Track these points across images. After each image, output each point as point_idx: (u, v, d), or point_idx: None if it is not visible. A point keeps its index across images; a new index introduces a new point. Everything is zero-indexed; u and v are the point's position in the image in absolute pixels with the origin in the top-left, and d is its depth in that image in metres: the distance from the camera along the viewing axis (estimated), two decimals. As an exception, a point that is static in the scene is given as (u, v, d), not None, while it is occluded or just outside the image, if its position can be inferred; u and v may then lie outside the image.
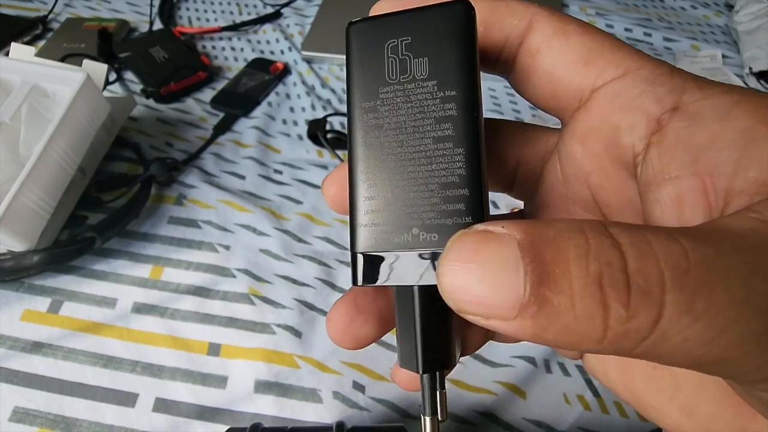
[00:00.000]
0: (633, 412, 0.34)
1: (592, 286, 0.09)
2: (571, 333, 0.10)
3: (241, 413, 0.33)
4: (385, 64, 0.14)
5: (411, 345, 0.14)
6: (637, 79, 0.13)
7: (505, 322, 0.10)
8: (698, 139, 0.12)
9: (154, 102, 0.54)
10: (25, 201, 0.35)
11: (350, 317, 0.15)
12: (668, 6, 0.68)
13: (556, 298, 0.09)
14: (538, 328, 0.10)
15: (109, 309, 0.38)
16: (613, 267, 0.09)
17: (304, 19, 0.64)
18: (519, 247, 0.10)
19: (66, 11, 0.65)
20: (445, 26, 0.13)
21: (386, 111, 0.14)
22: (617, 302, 0.09)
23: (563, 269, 0.10)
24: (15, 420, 0.33)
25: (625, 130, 0.13)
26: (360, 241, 0.13)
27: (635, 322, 0.09)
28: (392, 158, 0.13)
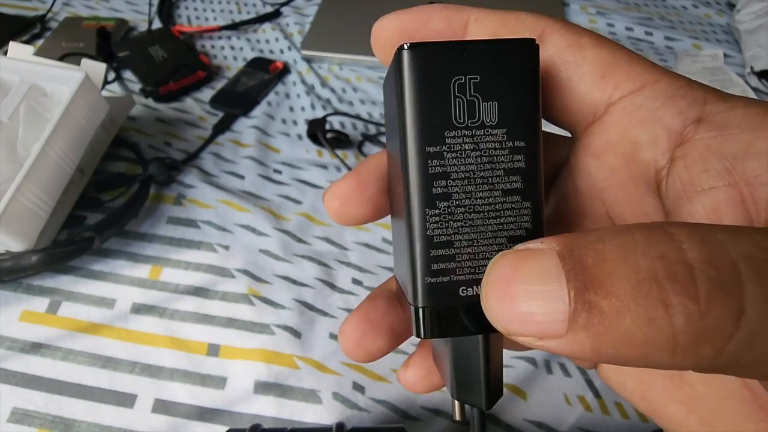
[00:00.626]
0: (634, 412, 0.34)
1: (645, 282, 0.08)
2: (634, 343, 0.08)
3: (240, 414, 0.33)
4: (451, 104, 0.12)
5: (476, 384, 0.14)
6: (656, 92, 0.13)
7: (558, 340, 0.09)
8: (731, 149, 0.11)
9: (153, 101, 0.53)
10: (24, 201, 0.34)
11: (362, 332, 0.16)
12: (670, 5, 0.68)
13: (605, 301, 0.09)
14: (595, 340, 0.09)
15: (108, 309, 0.38)
16: (668, 259, 0.08)
17: (304, 18, 0.64)
18: (559, 257, 0.09)
19: (64, 10, 0.65)
20: (514, 67, 0.13)
21: (453, 158, 0.13)
22: (682, 297, 0.08)
23: (608, 269, 0.09)
24: (14, 421, 0.33)
25: (646, 145, 0.13)
26: (425, 295, 0.13)
27: (712, 319, 0.08)
28: (460, 210, 0.13)
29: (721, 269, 0.08)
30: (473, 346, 0.14)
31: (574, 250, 0.09)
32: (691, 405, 0.14)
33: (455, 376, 0.14)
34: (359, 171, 0.16)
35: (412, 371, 0.17)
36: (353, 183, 0.16)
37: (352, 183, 0.16)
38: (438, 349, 0.16)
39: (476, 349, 0.13)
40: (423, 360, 0.17)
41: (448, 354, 0.14)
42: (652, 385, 0.15)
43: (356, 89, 0.56)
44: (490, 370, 0.14)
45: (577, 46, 0.13)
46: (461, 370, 0.14)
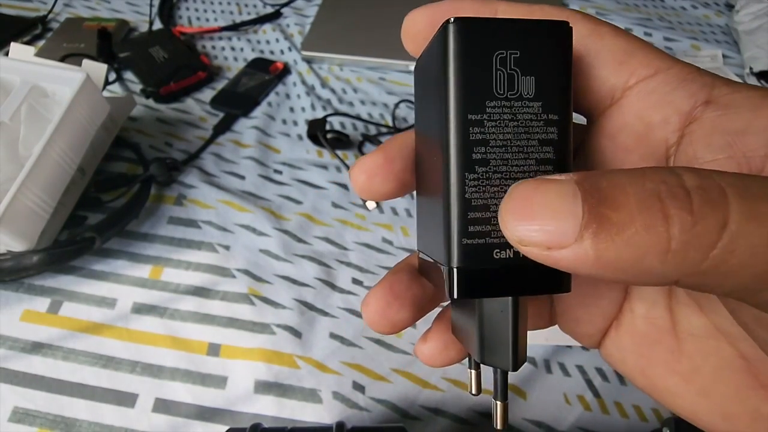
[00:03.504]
0: (633, 412, 0.34)
1: (650, 199, 0.10)
2: (634, 247, 0.10)
3: (240, 413, 0.33)
4: (493, 76, 0.13)
5: (503, 346, 0.14)
6: (669, 77, 0.14)
7: (565, 250, 0.10)
8: (733, 126, 0.13)
9: (154, 102, 0.54)
10: (25, 201, 0.35)
11: (386, 302, 0.16)
12: (669, 6, 0.68)
13: (614, 214, 0.10)
14: (600, 247, 0.10)
15: (109, 309, 0.38)
16: (670, 184, 0.10)
17: (304, 19, 0.64)
18: (576, 182, 0.11)
19: (65, 11, 0.65)
20: (550, 46, 0.13)
21: (493, 126, 0.13)
22: (680, 210, 0.10)
23: (620, 190, 0.10)
24: (15, 420, 0.33)
25: (659, 124, 0.14)
26: (461, 256, 0.13)
27: (701, 227, 0.09)
28: (497, 176, 0.13)
29: (711, 191, 0.10)
30: (503, 308, 0.14)
31: (590, 177, 0.11)
32: (689, 376, 0.15)
33: (482, 338, 0.15)
34: (386, 147, 0.16)
35: (430, 345, 0.17)
36: (380, 159, 0.16)
37: (380, 159, 0.16)
38: (461, 317, 0.16)
39: (506, 311, 0.14)
40: (441, 334, 0.17)
41: (475, 317, 0.14)
42: (653, 359, 0.16)
43: (356, 90, 0.56)
44: (518, 332, 0.14)
45: (597, 35, 0.14)
46: (489, 333, 0.14)
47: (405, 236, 0.43)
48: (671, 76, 0.14)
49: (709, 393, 0.15)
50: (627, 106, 0.14)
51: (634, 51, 0.14)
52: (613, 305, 0.16)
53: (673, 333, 0.15)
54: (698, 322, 0.15)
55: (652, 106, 0.14)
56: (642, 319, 0.16)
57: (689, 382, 0.15)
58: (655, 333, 0.16)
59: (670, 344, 0.15)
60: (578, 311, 0.17)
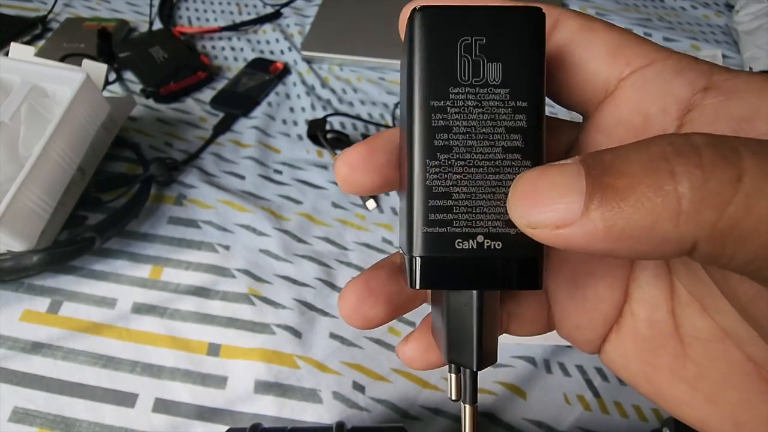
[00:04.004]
0: (633, 412, 0.34)
1: (656, 161, 0.09)
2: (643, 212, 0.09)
3: (240, 413, 0.33)
4: (457, 62, 0.13)
5: (467, 343, 0.14)
6: (665, 67, 0.13)
7: (574, 226, 0.10)
8: (738, 111, 0.12)
9: (154, 102, 0.54)
10: (25, 201, 0.35)
11: (360, 298, 0.16)
12: (668, 6, 0.68)
13: (618, 180, 0.09)
14: (608, 217, 0.10)
15: (109, 309, 0.38)
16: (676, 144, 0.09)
17: (304, 19, 0.64)
18: (580, 161, 0.10)
19: (65, 11, 0.65)
20: (520, 32, 0.13)
21: (456, 113, 0.13)
22: (688, 166, 0.09)
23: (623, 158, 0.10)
24: (15, 420, 0.33)
25: (656, 115, 0.13)
26: (420, 245, 0.13)
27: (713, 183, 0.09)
28: (460, 164, 0.13)
29: (723, 147, 0.09)
30: (467, 302, 0.14)
31: (595, 154, 0.10)
32: (695, 383, 0.14)
33: (447, 335, 0.14)
34: (370, 141, 0.16)
35: (411, 346, 0.17)
36: (363, 151, 0.16)
37: (362, 151, 0.16)
38: (436, 317, 0.16)
39: (470, 306, 0.14)
40: (423, 335, 0.17)
41: (442, 312, 0.14)
42: (657, 365, 0.15)
43: (356, 90, 0.56)
44: (483, 328, 0.14)
45: (590, 29, 0.14)
46: (454, 329, 0.14)
47: (405, 236, 0.43)
48: (668, 65, 0.13)
49: (717, 400, 0.14)
50: (622, 98, 0.14)
51: (629, 42, 0.14)
52: (613, 309, 0.16)
53: (677, 337, 0.15)
54: (703, 325, 0.14)
55: (649, 97, 0.13)
56: (644, 322, 0.15)
57: (696, 388, 0.14)
58: (658, 337, 0.15)
59: (674, 349, 0.15)
60: (577, 316, 0.16)
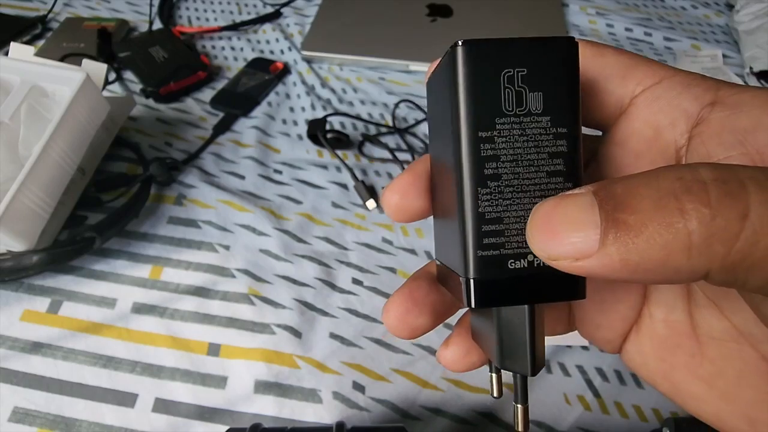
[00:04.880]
0: (633, 412, 0.34)
1: (665, 197, 0.10)
2: (656, 247, 0.10)
3: (240, 413, 0.33)
4: (501, 94, 0.14)
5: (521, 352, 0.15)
6: (674, 83, 0.14)
7: (592, 258, 0.11)
8: (742, 124, 0.13)
9: (154, 102, 0.53)
10: (25, 201, 0.35)
11: (406, 309, 0.17)
12: (669, 6, 0.68)
13: (631, 216, 0.10)
14: (623, 251, 0.10)
15: (109, 309, 0.38)
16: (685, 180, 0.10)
17: (304, 18, 0.64)
18: (593, 193, 0.11)
19: (65, 11, 0.65)
20: (557, 62, 0.14)
21: (503, 142, 0.14)
22: (696, 204, 0.09)
23: (634, 193, 0.10)
24: (15, 420, 0.33)
25: (667, 128, 0.14)
26: (476, 267, 0.14)
27: (721, 220, 0.09)
28: (509, 190, 0.14)
29: (730, 183, 0.09)
30: (519, 315, 0.15)
31: (606, 185, 0.11)
32: (712, 381, 0.15)
33: (501, 345, 0.15)
34: (413, 168, 0.17)
35: (452, 350, 0.18)
36: (410, 177, 0.17)
37: (409, 178, 0.17)
38: (480, 323, 0.17)
39: (522, 319, 0.15)
40: (462, 339, 0.18)
41: (494, 325, 0.15)
42: (674, 364, 0.16)
43: (356, 90, 0.56)
44: (535, 338, 0.15)
45: (600, 55, 0.15)
46: (507, 340, 0.15)
47: (405, 236, 0.43)
48: (675, 82, 0.14)
49: (732, 397, 0.14)
50: (635, 114, 0.15)
51: (637, 64, 0.15)
52: (632, 310, 0.16)
53: (694, 336, 0.15)
54: (719, 325, 0.15)
55: (659, 111, 0.14)
56: (661, 323, 0.16)
57: (712, 386, 0.15)
58: (676, 337, 0.16)
59: (691, 348, 0.15)
60: (597, 317, 0.17)
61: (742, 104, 0.13)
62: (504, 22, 0.62)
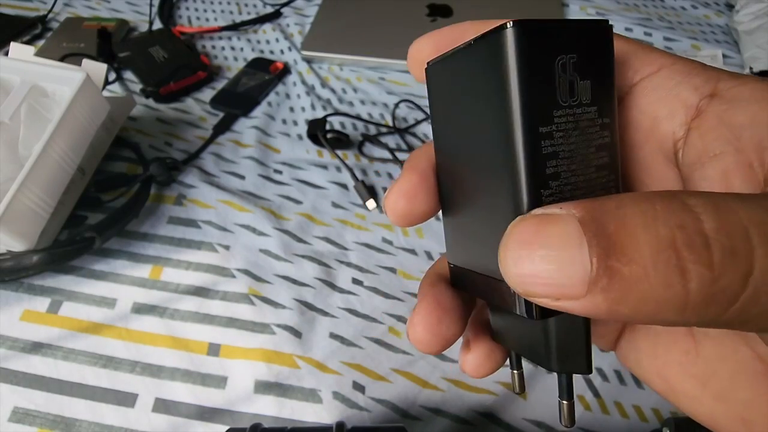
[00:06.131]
0: (633, 412, 0.34)
1: (665, 250, 0.09)
2: (649, 303, 0.09)
3: (240, 413, 0.33)
4: (556, 83, 0.13)
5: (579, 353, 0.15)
6: (673, 72, 0.14)
7: (575, 301, 0.10)
8: (739, 119, 0.12)
9: (154, 102, 0.53)
10: (25, 201, 0.35)
11: (437, 318, 0.15)
12: (668, 6, 0.68)
13: (626, 267, 0.09)
14: (612, 302, 0.09)
15: (109, 309, 0.38)
16: (687, 229, 0.09)
17: (304, 18, 0.64)
18: (580, 223, 0.10)
19: (65, 11, 0.65)
20: (600, 47, 0.13)
21: (560, 137, 0.13)
22: (698, 264, 0.09)
23: (630, 237, 0.09)
24: (15, 420, 0.33)
25: (665, 119, 0.14)
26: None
27: (723, 282, 0.09)
28: (568, 188, 0.13)
29: (734, 236, 0.09)
30: (574, 319, 0.14)
31: (596, 217, 0.10)
32: (705, 380, 0.15)
33: (558, 349, 0.15)
34: (416, 167, 0.16)
35: (475, 354, 0.17)
36: (416, 178, 0.15)
37: (415, 178, 0.15)
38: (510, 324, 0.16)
39: (578, 322, 0.14)
40: (483, 342, 0.17)
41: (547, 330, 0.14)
42: (668, 362, 0.15)
43: (356, 90, 0.56)
44: (590, 339, 0.15)
45: None
46: (563, 343, 0.15)
47: (405, 236, 0.43)
48: (675, 71, 0.14)
49: (727, 397, 0.14)
50: (633, 103, 0.14)
51: (635, 51, 0.14)
52: None
53: (689, 333, 0.15)
54: None
55: (658, 101, 0.14)
56: None
57: (706, 385, 0.14)
58: (670, 334, 0.15)
59: (685, 346, 0.15)
60: None
61: (740, 98, 0.13)
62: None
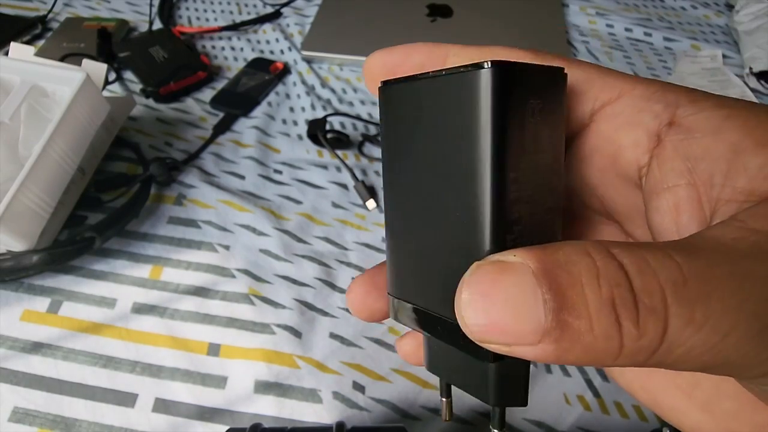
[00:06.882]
0: (633, 412, 0.34)
1: (606, 308, 0.10)
2: (591, 352, 0.10)
3: (240, 414, 0.33)
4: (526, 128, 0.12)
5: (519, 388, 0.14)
6: (633, 99, 0.14)
7: (527, 347, 0.10)
8: (693, 151, 0.13)
9: (154, 102, 0.53)
10: (25, 201, 0.35)
11: (366, 291, 0.17)
12: (668, 6, 0.68)
13: (576, 322, 0.10)
14: (561, 351, 0.10)
15: (109, 309, 0.38)
16: (621, 288, 0.10)
17: (304, 18, 0.64)
18: (534, 275, 0.10)
19: (65, 11, 0.65)
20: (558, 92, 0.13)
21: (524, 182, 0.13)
22: (628, 321, 0.10)
23: (579, 294, 0.10)
24: (14, 420, 0.33)
25: (628, 147, 0.14)
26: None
27: (645, 339, 0.10)
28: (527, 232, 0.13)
29: (653, 296, 0.10)
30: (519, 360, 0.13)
31: (548, 269, 0.10)
32: (690, 391, 0.15)
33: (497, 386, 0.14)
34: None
35: (408, 341, 0.18)
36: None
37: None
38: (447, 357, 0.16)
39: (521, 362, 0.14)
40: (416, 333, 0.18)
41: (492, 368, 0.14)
42: (652, 375, 0.16)
43: (356, 90, 0.56)
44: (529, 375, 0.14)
45: None
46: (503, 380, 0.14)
47: (405, 236, 0.43)
48: (635, 97, 0.14)
49: (711, 408, 0.14)
50: (596, 131, 0.15)
51: (592, 78, 0.14)
52: None
53: None
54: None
55: (620, 129, 0.14)
56: None
57: (691, 397, 0.15)
58: None
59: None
60: None
61: (696, 128, 0.13)
62: (504, 22, 0.62)
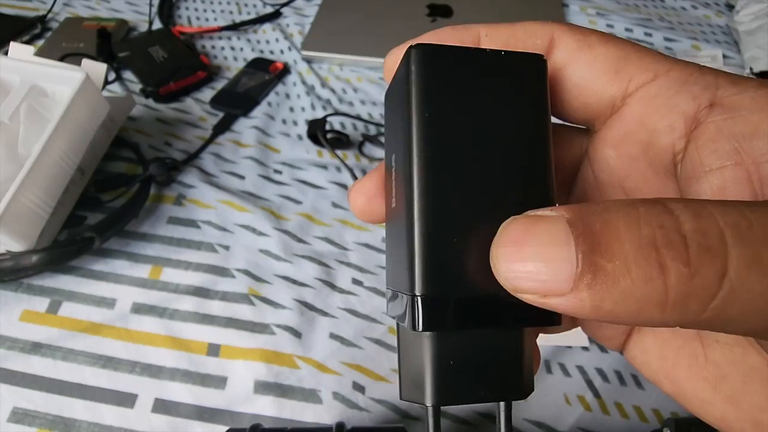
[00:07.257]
0: (634, 412, 0.34)
1: (646, 248, 0.09)
2: (631, 299, 0.09)
3: (240, 414, 0.33)
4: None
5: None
6: (669, 81, 0.13)
7: (561, 298, 0.10)
8: (739, 130, 0.12)
9: (154, 102, 0.53)
10: (24, 201, 0.34)
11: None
12: (669, 6, 0.68)
13: (610, 264, 0.09)
14: (596, 298, 0.10)
15: (108, 309, 0.38)
16: (666, 228, 0.09)
17: (304, 18, 0.64)
18: (568, 223, 0.10)
19: (65, 11, 0.65)
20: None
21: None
22: (676, 261, 0.09)
23: (614, 236, 0.10)
24: (14, 420, 0.33)
25: (664, 131, 0.13)
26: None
27: (699, 279, 0.09)
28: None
29: (710, 236, 0.09)
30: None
31: (583, 217, 0.10)
32: (716, 383, 0.14)
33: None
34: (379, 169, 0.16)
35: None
36: (378, 179, 0.16)
37: (377, 179, 0.16)
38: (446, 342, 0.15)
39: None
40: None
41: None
42: (677, 364, 0.15)
43: (356, 90, 0.56)
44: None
45: (587, 46, 0.14)
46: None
47: (405, 236, 0.43)
48: (672, 79, 0.13)
49: (738, 401, 0.14)
50: (629, 115, 0.14)
51: (629, 56, 0.14)
52: None
53: (698, 338, 0.15)
54: None
55: (656, 112, 0.13)
56: None
57: (717, 388, 0.14)
58: (679, 338, 0.15)
59: (694, 349, 0.15)
60: None
61: (741, 107, 0.12)
62: (504, 22, 0.62)
